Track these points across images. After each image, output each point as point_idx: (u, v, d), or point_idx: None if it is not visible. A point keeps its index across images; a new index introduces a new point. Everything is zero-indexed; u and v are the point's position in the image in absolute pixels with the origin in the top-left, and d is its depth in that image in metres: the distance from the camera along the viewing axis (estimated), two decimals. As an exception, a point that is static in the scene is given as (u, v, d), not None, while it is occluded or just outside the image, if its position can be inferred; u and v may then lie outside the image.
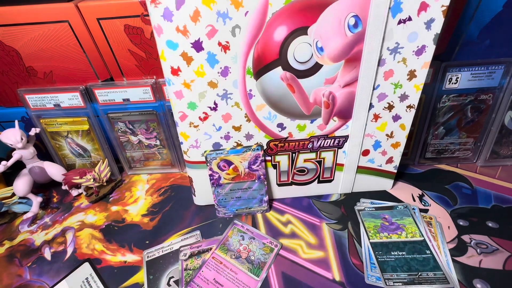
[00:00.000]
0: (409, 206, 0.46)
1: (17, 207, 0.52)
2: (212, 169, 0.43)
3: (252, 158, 0.43)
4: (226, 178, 0.44)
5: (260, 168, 0.44)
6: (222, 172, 0.44)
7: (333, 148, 0.44)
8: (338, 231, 0.45)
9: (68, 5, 0.42)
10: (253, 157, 0.43)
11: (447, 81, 0.46)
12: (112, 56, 0.47)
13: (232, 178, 0.44)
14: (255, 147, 0.42)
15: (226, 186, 0.45)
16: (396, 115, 0.41)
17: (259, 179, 0.45)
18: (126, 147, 0.56)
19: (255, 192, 0.45)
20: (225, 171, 0.44)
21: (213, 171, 0.44)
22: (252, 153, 0.43)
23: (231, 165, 0.43)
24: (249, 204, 0.47)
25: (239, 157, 0.43)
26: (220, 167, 0.43)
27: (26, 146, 0.51)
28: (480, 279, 0.37)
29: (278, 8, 0.33)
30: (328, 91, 0.38)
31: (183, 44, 0.34)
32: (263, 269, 0.40)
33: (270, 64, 0.36)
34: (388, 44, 0.35)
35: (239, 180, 0.44)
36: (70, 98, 0.50)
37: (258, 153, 0.43)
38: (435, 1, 0.33)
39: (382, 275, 0.38)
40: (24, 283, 0.42)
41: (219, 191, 0.45)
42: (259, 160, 0.43)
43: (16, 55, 0.46)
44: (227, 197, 0.46)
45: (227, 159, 0.43)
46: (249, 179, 0.44)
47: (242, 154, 0.43)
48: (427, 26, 0.35)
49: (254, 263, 0.41)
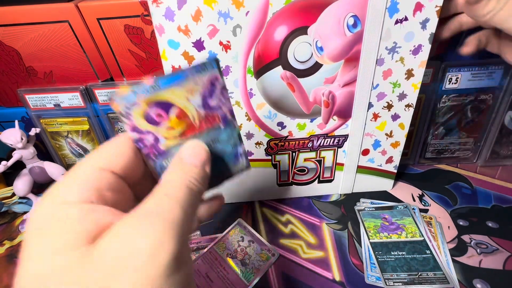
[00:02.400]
0: (409, 206, 0.46)
1: (17, 207, 0.52)
2: (137, 128, 0.20)
3: (206, 86, 0.22)
4: (169, 137, 0.22)
5: (222, 102, 0.23)
6: (160, 128, 0.21)
7: (333, 147, 0.44)
8: (338, 231, 0.45)
9: (68, 5, 0.42)
10: (207, 83, 0.22)
11: (447, 81, 0.46)
12: (112, 56, 0.47)
13: (181, 133, 0.22)
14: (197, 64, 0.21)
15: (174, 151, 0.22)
16: (395, 114, 0.42)
17: (224, 121, 0.24)
18: (126, 147, 0.56)
19: (225, 144, 0.25)
20: (162, 124, 0.21)
21: (139, 131, 0.20)
22: (203, 76, 0.21)
23: (170, 110, 0.21)
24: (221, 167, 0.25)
25: (184, 90, 0.21)
26: (152, 119, 0.21)
27: (26, 146, 0.51)
28: (480, 279, 0.37)
29: (279, 8, 0.33)
30: (327, 90, 0.39)
31: (184, 43, 0.34)
32: (255, 275, 0.40)
33: (270, 64, 0.36)
34: (386, 43, 0.36)
35: (195, 133, 0.22)
36: (70, 98, 0.50)
37: (213, 74, 0.22)
38: (429, 1, 0.33)
39: (382, 275, 0.38)
40: (24, 283, 0.42)
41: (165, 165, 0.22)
42: (218, 87, 0.22)
43: (16, 55, 0.46)
44: None
45: (160, 99, 0.20)
46: (210, 126, 0.23)
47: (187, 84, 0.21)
48: (423, 26, 0.35)
49: (248, 267, 0.41)
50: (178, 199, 0.17)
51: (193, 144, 0.22)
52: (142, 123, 0.21)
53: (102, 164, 0.18)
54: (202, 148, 0.22)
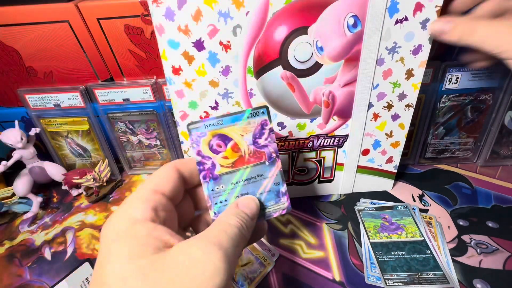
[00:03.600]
0: (409, 206, 0.46)
1: (17, 207, 0.52)
2: (201, 153, 0.27)
3: (256, 128, 0.28)
4: (223, 165, 0.27)
5: (269, 142, 0.28)
6: (217, 156, 0.27)
7: (333, 147, 0.44)
8: (338, 231, 0.45)
9: (68, 5, 0.42)
10: (258, 125, 0.28)
11: (447, 81, 0.46)
12: (112, 56, 0.47)
13: (232, 163, 0.28)
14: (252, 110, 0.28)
15: (226, 178, 0.28)
16: (395, 114, 0.42)
17: (270, 160, 0.28)
18: (126, 147, 0.56)
19: (268, 181, 0.29)
20: (221, 153, 0.27)
21: (202, 155, 0.27)
22: (255, 119, 0.28)
23: (228, 143, 0.27)
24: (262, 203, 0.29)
25: (239, 128, 0.27)
26: (213, 147, 0.27)
27: (26, 146, 0.51)
28: (480, 279, 0.37)
29: (279, 8, 0.33)
30: (328, 90, 0.39)
31: (184, 43, 0.34)
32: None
33: (270, 63, 0.36)
34: (386, 43, 0.36)
35: (243, 165, 0.28)
36: (70, 98, 0.50)
37: (263, 118, 0.28)
38: (429, 1, 0.34)
39: (382, 275, 0.38)
40: (24, 283, 0.42)
41: (215, 190, 0.27)
42: (266, 130, 0.28)
43: (16, 55, 0.46)
44: (229, 198, 0.28)
45: (221, 133, 0.27)
46: (256, 161, 0.28)
47: (242, 123, 0.27)
48: (423, 26, 0.35)
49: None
50: (233, 239, 0.21)
51: (249, 197, 0.27)
52: (205, 149, 0.27)
53: (156, 187, 0.23)
54: (254, 202, 0.27)
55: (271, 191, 0.29)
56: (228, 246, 0.20)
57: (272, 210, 0.29)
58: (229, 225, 0.23)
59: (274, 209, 0.29)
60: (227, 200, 0.28)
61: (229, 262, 0.20)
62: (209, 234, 0.21)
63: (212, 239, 0.21)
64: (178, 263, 0.19)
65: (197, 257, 0.19)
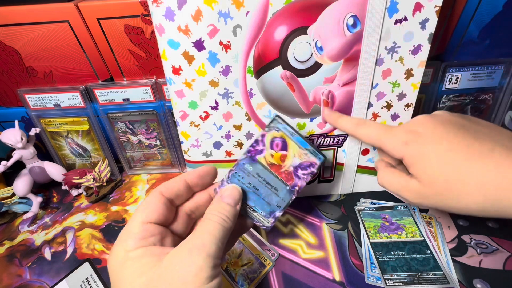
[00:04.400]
0: (409, 206, 0.46)
1: (17, 207, 0.52)
2: (264, 138, 0.33)
3: (306, 161, 0.34)
4: (266, 159, 0.33)
5: (304, 178, 0.34)
6: (269, 150, 0.33)
7: (333, 147, 0.44)
8: (338, 231, 0.45)
9: (68, 5, 0.42)
10: (309, 161, 0.34)
11: (447, 81, 0.46)
12: (112, 56, 0.47)
13: (271, 164, 0.33)
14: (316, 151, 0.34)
15: (258, 166, 0.33)
16: (395, 114, 0.42)
17: (292, 188, 0.33)
18: (126, 147, 0.56)
19: (276, 198, 0.33)
20: (273, 150, 0.33)
21: (262, 140, 0.33)
22: (311, 156, 0.34)
23: (283, 150, 0.33)
24: (257, 206, 0.33)
25: (298, 150, 0.33)
26: (273, 142, 0.33)
27: (26, 146, 0.51)
28: (480, 279, 0.37)
29: (279, 8, 0.33)
30: (327, 90, 0.39)
31: (184, 43, 0.34)
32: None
33: (270, 63, 0.36)
34: (385, 43, 0.36)
35: (274, 172, 0.33)
36: (70, 98, 0.50)
37: (316, 161, 0.34)
38: (429, 2, 0.34)
39: (382, 275, 0.38)
40: (24, 283, 0.42)
41: (245, 165, 0.33)
42: (310, 169, 0.34)
43: (16, 55, 0.46)
44: (246, 179, 0.33)
45: (287, 141, 0.33)
46: (284, 179, 0.33)
47: (302, 150, 0.33)
48: (422, 26, 0.35)
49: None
50: (215, 237, 0.25)
51: (231, 187, 0.31)
52: (268, 139, 0.33)
53: (144, 218, 0.27)
54: (237, 191, 0.31)
55: (270, 205, 0.34)
56: (210, 244, 0.24)
57: (257, 217, 0.34)
58: (212, 223, 0.26)
59: (258, 218, 0.34)
60: (243, 179, 0.33)
61: (212, 258, 0.24)
62: (193, 237, 0.25)
63: (195, 241, 0.25)
64: (169, 269, 0.23)
65: (183, 260, 0.24)
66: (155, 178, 0.58)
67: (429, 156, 0.30)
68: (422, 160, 0.30)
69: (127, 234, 0.26)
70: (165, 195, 0.29)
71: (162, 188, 0.29)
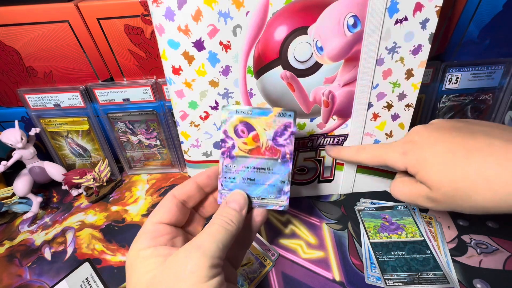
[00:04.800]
0: (409, 206, 0.46)
1: (17, 207, 0.52)
2: (227, 132, 0.31)
3: (280, 127, 0.31)
4: (241, 149, 0.32)
5: (287, 143, 0.32)
6: (239, 140, 0.32)
7: (333, 148, 0.44)
8: (338, 231, 0.45)
9: (68, 5, 0.42)
10: (282, 125, 0.31)
11: (447, 81, 0.46)
12: (112, 56, 0.47)
13: (249, 150, 0.32)
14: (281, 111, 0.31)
15: (240, 160, 0.32)
16: (395, 114, 0.42)
17: (283, 159, 0.32)
18: (126, 147, 0.56)
19: (275, 177, 0.32)
20: (242, 138, 0.31)
21: (227, 135, 0.31)
22: (281, 119, 0.31)
23: (251, 132, 0.31)
24: (263, 193, 0.33)
25: (264, 122, 0.31)
26: (237, 131, 0.31)
27: (26, 146, 0.51)
28: (480, 279, 0.37)
29: (279, 8, 0.33)
30: (327, 90, 0.39)
31: (184, 43, 0.34)
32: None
33: (270, 63, 0.36)
34: (386, 43, 0.36)
35: (257, 155, 0.32)
36: (70, 98, 0.50)
37: (288, 121, 0.31)
38: (429, 2, 0.34)
39: (382, 275, 0.38)
40: (24, 283, 0.42)
41: (228, 166, 0.32)
42: (288, 131, 0.31)
43: (16, 55, 0.46)
44: (237, 177, 0.32)
45: (248, 121, 0.31)
46: (270, 156, 0.32)
47: (268, 119, 0.31)
48: (423, 26, 0.35)
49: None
50: (215, 238, 0.26)
51: (236, 193, 0.32)
52: (231, 131, 0.31)
53: (157, 219, 0.29)
54: (241, 196, 0.32)
55: (274, 185, 0.33)
56: (209, 245, 0.25)
57: (270, 202, 0.33)
58: (214, 226, 0.28)
59: (271, 202, 0.33)
60: (235, 179, 0.32)
61: (209, 257, 0.25)
62: (195, 239, 0.26)
63: (195, 241, 0.26)
64: (171, 267, 0.25)
65: (181, 259, 0.25)
66: (155, 178, 0.58)
67: (430, 161, 0.30)
68: (424, 166, 0.31)
69: (141, 233, 0.28)
70: (177, 197, 0.31)
71: (174, 191, 0.31)
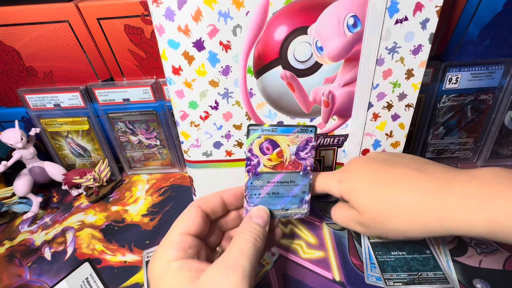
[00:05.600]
0: (409, 206, 0.46)
1: (17, 207, 0.52)
2: (252, 151, 0.33)
3: (302, 142, 0.34)
4: (266, 165, 0.33)
5: (308, 156, 0.34)
6: (264, 157, 0.33)
7: (333, 147, 0.44)
8: (338, 231, 0.45)
9: (68, 5, 0.42)
10: (304, 140, 0.33)
11: (447, 81, 0.46)
12: (112, 56, 0.47)
13: (274, 166, 0.34)
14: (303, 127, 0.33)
15: (265, 176, 0.34)
16: (395, 114, 0.42)
17: (304, 171, 0.34)
18: (126, 147, 0.56)
19: (297, 188, 0.35)
20: (267, 155, 0.33)
21: (252, 153, 0.33)
22: (303, 135, 0.33)
23: (275, 148, 0.33)
24: (287, 205, 0.35)
25: (288, 138, 0.33)
26: (262, 149, 0.33)
27: (26, 146, 0.51)
28: (480, 279, 0.37)
29: (279, 8, 0.33)
30: (327, 90, 0.39)
31: (184, 43, 0.34)
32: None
33: (270, 63, 0.36)
34: (386, 43, 0.36)
35: (281, 170, 0.34)
36: (70, 98, 0.50)
37: (310, 136, 0.34)
38: (429, 1, 0.34)
39: (382, 275, 0.38)
40: (24, 283, 0.42)
41: (254, 183, 0.33)
42: (309, 146, 0.34)
43: (16, 55, 0.46)
44: (262, 192, 0.34)
45: (273, 139, 0.33)
46: (293, 169, 0.34)
47: (291, 136, 0.33)
48: (423, 26, 0.35)
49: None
50: (248, 255, 0.26)
51: (259, 208, 0.33)
52: (256, 149, 0.33)
53: (183, 229, 0.29)
54: (264, 212, 0.33)
55: (297, 196, 0.35)
56: (244, 264, 0.25)
57: (293, 212, 0.35)
58: (245, 242, 0.28)
59: (295, 212, 0.35)
60: (260, 194, 0.34)
61: (247, 277, 0.24)
62: (228, 257, 0.26)
63: (231, 262, 0.26)
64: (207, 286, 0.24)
65: (220, 280, 0.24)
66: (155, 178, 0.58)
67: (359, 188, 0.34)
68: (354, 193, 0.34)
69: (168, 243, 0.28)
70: (202, 208, 0.30)
71: (200, 202, 0.31)
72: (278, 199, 0.35)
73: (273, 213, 0.35)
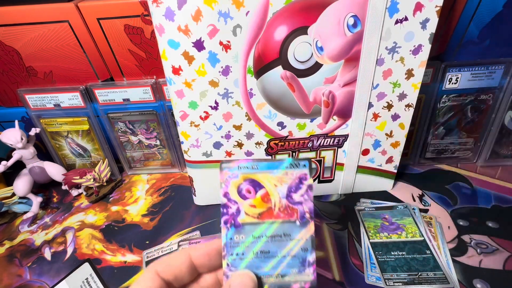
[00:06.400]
0: (409, 206, 0.46)
1: (17, 207, 0.52)
2: (228, 195, 0.24)
3: (293, 180, 0.24)
4: (249, 214, 0.24)
5: (305, 199, 0.24)
6: (245, 202, 0.24)
7: (333, 147, 0.44)
8: (338, 231, 0.45)
9: (68, 5, 0.42)
10: (296, 178, 0.24)
11: (447, 81, 0.46)
12: (112, 56, 0.47)
13: (259, 214, 0.24)
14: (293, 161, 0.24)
15: (248, 229, 0.24)
16: (395, 114, 0.42)
17: (302, 220, 0.24)
18: (126, 147, 0.56)
19: (294, 244, 0.25)
20: (249, 199, 0.24)
21: (228, 198, 0.24)
22: (294, 171, 0.24)
23: (259, 190, 0.24)
24: (283, 269, 0.24)
25: (274, 177, 0.24)
26: (241, 192, 0.24)
27: (26, 146, 0.51)
28: (480, 279, 0.37)
29: (279, 8, 0.33)
30: (328, 90, 0.39)
31: (184, 43, 0.34)
32: None
33: (270, 63, 0.36)
34: (386, 43, 0.36)
35: (269, 219, 0.24)
36: (70, 98, 0.50)
37: (303, 172, 0.24)
38: (429, 1, 0.34)
39: (382, 275, 0.38)
40: (24, 283, 0.42)
41: (234, 238, 0.24)
42: (304, 185, 0.24)
43: (16, 55, 0.46)
44: (247, 251, 0.24)
45: (254, 178, 0.24)
46: (286, 218, 0.24)
47: (279, 172, 0.24)
48: (423, 26, 0.35)
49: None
50: None
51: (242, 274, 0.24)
52: (233, 192, 0.24)
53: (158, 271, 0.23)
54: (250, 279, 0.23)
55: (296, 256, 0.24)
56: None
57: (293, 280, 0.24)
58: None
59: (295, 279, 0.24)
60: (244, 254, 0.24)
61: None
62: None
63: None
64: None
65: None
66: (155, 178, 0.58)
67: None
68: None
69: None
70: (161, 275, 0.24)
71: (159, 267, 0.24)
72: (269, 260, 0.24)
73: (263, 281, 0.24)
